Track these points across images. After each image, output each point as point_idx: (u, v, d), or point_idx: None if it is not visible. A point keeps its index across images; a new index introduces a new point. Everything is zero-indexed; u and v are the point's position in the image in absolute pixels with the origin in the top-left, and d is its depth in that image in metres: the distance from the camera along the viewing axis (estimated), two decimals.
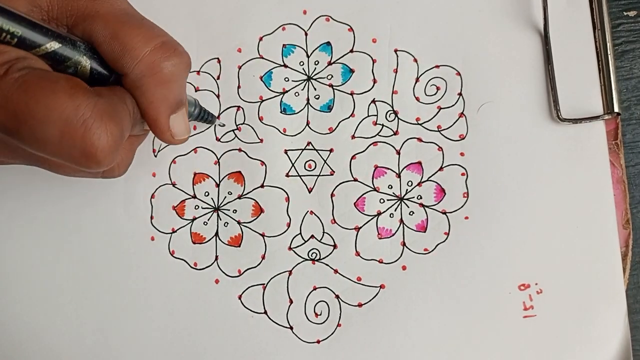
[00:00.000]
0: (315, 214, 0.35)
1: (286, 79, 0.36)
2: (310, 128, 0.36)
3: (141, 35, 0.26)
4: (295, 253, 0.34)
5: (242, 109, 0.36)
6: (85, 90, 0.24)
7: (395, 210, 0.34)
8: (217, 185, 0.35)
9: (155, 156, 0.36)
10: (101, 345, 0.34)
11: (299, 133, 0.35)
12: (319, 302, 0.34)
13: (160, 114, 0.27)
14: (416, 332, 0.33)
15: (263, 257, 0.34)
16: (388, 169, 0.35)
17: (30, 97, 0.23)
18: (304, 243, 0.34)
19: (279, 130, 0.36)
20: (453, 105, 0.35)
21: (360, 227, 0.34)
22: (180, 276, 0.34)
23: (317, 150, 0.35)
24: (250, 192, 0.35)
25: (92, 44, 0.26)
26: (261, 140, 0.36)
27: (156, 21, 0.37)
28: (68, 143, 0.24)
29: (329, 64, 0.36)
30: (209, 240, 0.35)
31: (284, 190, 0.35)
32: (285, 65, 0.36)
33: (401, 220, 0.34)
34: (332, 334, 0.33)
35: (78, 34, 0.26)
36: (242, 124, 0.36)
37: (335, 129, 0.35)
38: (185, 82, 0.29)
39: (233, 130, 0.36)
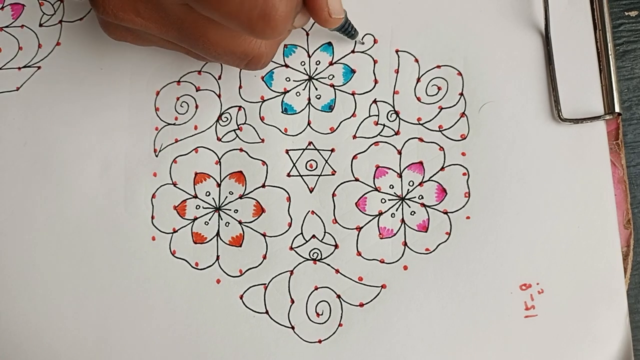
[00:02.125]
0: (316, 214, 0.35)
1: (287, 79, 0.36)
2: (311, 128, 0.36)
3: None
4: (297, 253, 0.34)
5: (244, 109, 0.36)
6: None
7: (396, 210, 0.34)
8: (218, 185, 0.35)
9: (156, 156, 0.36)
10: (102, 345, 0.34)
11: (300, 133, 0.35)
12: (321, 302, 0.34)
13: None
14: (417, 332, 0.33)
15: (264, 257, 0.34)
16: (389, 168, 0.35)
17: None
18: (305, 243, 0.34)
19: (280, 130, 0.36)
20: (454, 105, 0.35)
21: (362, 227, 0.34)
22: (182, 276, 0.34)
23: (318, 150, 0.35)
24: (252, 192, 0.35)
25: None
26: (262, 140, 0.36)
27: None
28: (250, 2, 0.24)
29: (330, 64, 0.36)
30: (210, 240, 0.35)
31: (285, 190, 0.35)
32: (286, 65, 0.36)
33: (402, 220, 0.34)
34: (334, 333, 0.33)
35: None
36: (243, 124, 0.36)
37: (337, 128, 0.35)
38: None
39: (234, 130, 0.36)
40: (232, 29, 0.28)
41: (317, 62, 0.36)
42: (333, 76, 0.36)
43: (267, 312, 0.34)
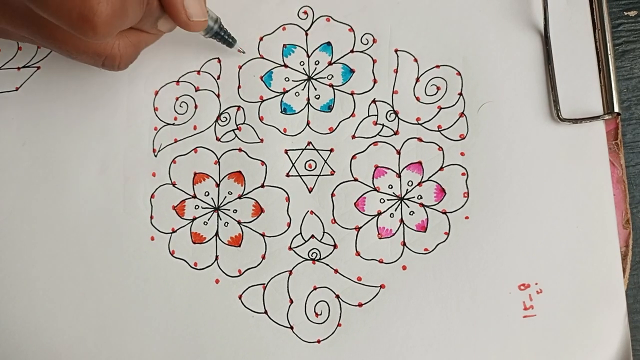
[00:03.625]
0: (315, 214, 0.35)
1: (286, 79, 0.36)
2: (310, 128, 0.36)
3: None
4: (296, 253, 0.34)
5: (243, 108, 0.36)
6: None
7: (395, 210, 0.34)
8: (217, 185, 0.35)
9: (156, 156, 0.36)
10: (101, 345, 0.34)
11: (300, 133, 0.35)
12: (319, 302, 0.34)
13: None
14: (416, 331, 0.33)
15: (263, 257, 0.34)
16: (388, 168, 0.35)
17: None
18: (304, 243, 0.34)
19: (280, 130, 0.36)
20: (453, 105, 0.35)
21: (361, 227, 0.34)
22: (181, 276, 0.34)
23: (317, 150, 0.35)
24: (251, 192, 0.35)
25: None
26: (261, 140, 0.36)
27: None
28: (69, 3, 0.24)
29: (330, 64, 0.36)
30: (209, 240, 0.35)
31: (284, 190, 0.35)
32: (285, 65, 0.36)
33: (401, 220, 0.34)
34: (333, 333, 0.33)
35: None
36: (242, 124, 0.36)
37: (336, 128, 0.35)
38: None
39: (233, 130, 0.36)
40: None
41: (316, 62, 0.36)
42: (332, 76, 0.36)
43: (266, 312, 0.34)
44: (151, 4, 0.29)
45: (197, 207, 0.35)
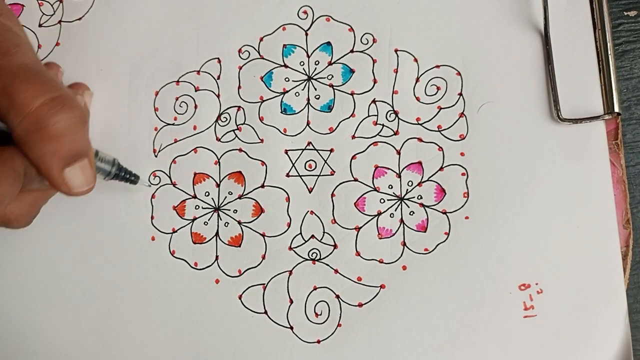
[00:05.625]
0: (315, 214, 0.35)
1: (286, 79, 0.36)
2: (310, 128, 0.36)
3: (30, 91, 0.25)
4: (296, 253, 0.34)
5: (243, 109, 0.36)
6: None
7: (395, 210, 0.34)
8: (218, 185, 0.35)
9: (156, 156, 0.36)
10: (101, 345, 0.34)
11: (300, 133, 0.35)
12: (319, 302, 0.34)
13: (51, 168, 0.26)
14: (416, 332, 0.33)
15: (263, 257, 0.34)
16: (388, 169, 0.35)
17: None
18: (304, 243, 0.34)
19: (280, 131, 0.36)
20: (453, 105, 0.35)
21: (361, 227, 0.34)
22: (181, 276, 0.34)
23: (317, 150, 0.35)
24: (251, 192, 0.35)
25: None
26: (261, 140, 0.36)
27: (156, 21, 0.37)
28: None
29: (330, 64, 0.36)
30: (209, 240, 0.35)
31: (285, 190, 0.35)
32: (285, 66, 0.36)
33: (401, 220, 0.34)
34: (333, 334, 0.33)
35: None
36: (242, 124, 0.36)
37: (336, 129, 0.35)
38: (84, 135, 0.28)
39: (233, 130, 0.36)
40: None
41: (316, 62, 0.36)
42: (332, 76, 0.36)
43: (266, 312, 0.34)
44: (29, 175, 0.27)
45: (197, 207, 0.35)
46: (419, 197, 0.34)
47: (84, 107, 0.30)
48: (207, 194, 0.35)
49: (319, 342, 0.33)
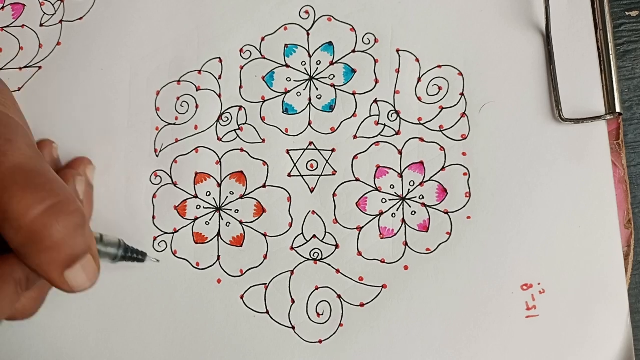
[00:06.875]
0: (317, 214, 0.35)
1: (288, 79, 0.36)
2: (312, 128, 0.36)
3: (25, 201, 0.24)
4: (297, 253, 0.34)
5: (244, 108, 0.36)
6: None
7: (397, 210, 0.34)
8: (219, 185, 0.35)
9: (157, 156, 0.36)
10: (103, 345, 0.34)
11: (301, 133, 0.35)
12: (321, 302, 0.34)
13: (50, 274, 0.25)
14: (418, 331, 0.33)
15: (265, 257, 0.34)
16: (390, 168, 0.35)
17: None
18: (305, 243, 0.34)
19: (281, 130, 0.36)
20: (455, 105, 0.35)
21: (362, 227, 0.34)
22: (183, 276, 0.34)
23: (319, 150, 0.35)
24: (252, 192, 0.35)
25: None
26: (263, 140, 0.36)
27: (156, 21, 0.37)
28: None
29: (331, 64, 0.36)
30: (211, 240, 0.35)
31: (286, 190, 0.35)
32: (287, 65, 0.36)
33: (403, 220, 0.34)
34: (334, 333, 0.33)
35: None
36: (244, 124, 0.36)
37: (337, 129, 0.35)
38: (83, 235, 0.27)
39: (235, 130, 0.36)
40: None
41: (318, 62, 0.36)
42: (334, 76, 0.36)
43: (267, 312, 0.34)
44: (32, 279, 0.26)
45: (198, 207, 0.35)
46: (421, 197, 0.34)
47: (86, 191, 0.29)
48: (208, 193, 0.35)
49: (320, 342, 0.33)
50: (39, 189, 0.25)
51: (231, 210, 0.35)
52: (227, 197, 0.35)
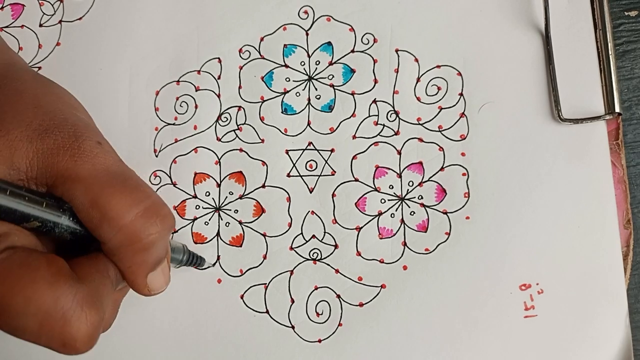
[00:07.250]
0: (316, 214, 0.35)
1: (287, 79, 0.36)
2: (311, 128, 0.36)
3: (122, 202, 0.24)
4: (297, 253, 0.34)
5: (243, 109, 0.36)
6: (66, 277, 0.23)
7: (396, 210, 0.34)
8: (218, 185, 0.35)
9: (156, 156, 0.36)
10: (103, 345, 0.34)
11: (300, 133, 0.36)
12: (320, 301, 0.34)
13: (138, 276, 0.26)
14: (417, 332, 0.33)
15: (264, 257, 0.34)
16: (389, 169, 0.35)
17: (8, 289, 0.22)
18: (305, 243, 0.34)
19: (280, 131, 0.36)
20: (454, 106, 0.35)
21: (361, 227, 0.34)
22: (182, 276, 0.34)
23: (318, 150, 0.35)
24: (252, 192, 0.35)
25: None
26: (262, 141, 0.36)
27: (156, 21, 0.37)
28: (47, 334, 0.22)
29: (330, 64, 0.36)
30: (210, 240, 0.35)
31: (285, 191, 0.35)
32: (286, 66, 0.36)
33: (402, 220, 0.34)
34: (334, 333, 0.33)
35: (59, 194, 0.24)
36: (243, 124, 0.36)
37: (337, 129, 0.35)
38: (167, 240, 0.27)
39: (234, 130, 0.36)
40: None
41: (317, 62, 0.36)
42: (333, 76, 0.36)
43: (267, 312, 0.34)
44: (118, 279, 0.26)
45: (197, 207, 0.35)
46: (420, 197, 0.34)
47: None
48: (207, 194, 0.35)
49: (320, 341, 0.33)
50: (134, 191, 0.25)
51: (230, 210, 0.35)
52: (227, 197, 0.35)
